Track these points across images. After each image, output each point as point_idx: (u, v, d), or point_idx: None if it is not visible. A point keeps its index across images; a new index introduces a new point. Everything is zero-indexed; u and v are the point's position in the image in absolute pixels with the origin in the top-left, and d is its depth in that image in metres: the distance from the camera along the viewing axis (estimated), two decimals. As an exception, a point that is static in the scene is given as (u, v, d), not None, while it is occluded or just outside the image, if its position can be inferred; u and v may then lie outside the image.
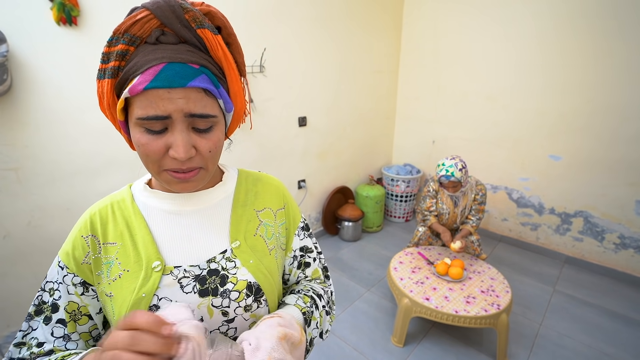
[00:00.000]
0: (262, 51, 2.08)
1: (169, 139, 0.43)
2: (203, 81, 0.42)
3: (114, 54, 0.42)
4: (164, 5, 0.40)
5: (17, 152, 1.37)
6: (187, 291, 0.50)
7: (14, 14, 1.27)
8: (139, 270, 0.50)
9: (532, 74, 2.41)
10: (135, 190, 0.56)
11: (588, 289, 2.22)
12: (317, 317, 0.59)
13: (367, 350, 1.73)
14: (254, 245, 0.57)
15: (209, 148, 0.46)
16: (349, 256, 2.65)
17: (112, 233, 0.52)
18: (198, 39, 0.43)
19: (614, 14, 2.02)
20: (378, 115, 3.18)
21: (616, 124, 2.15)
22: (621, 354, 1.69)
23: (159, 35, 0.41)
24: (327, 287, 0.69)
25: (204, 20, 0.42)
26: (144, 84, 0.40)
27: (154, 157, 0.44)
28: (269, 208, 0.61)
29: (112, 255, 0.51)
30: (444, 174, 1.89)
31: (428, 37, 2.94)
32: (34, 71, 1.35)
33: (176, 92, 0.41)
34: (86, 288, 0.51)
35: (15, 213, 1.42)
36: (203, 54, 0.44)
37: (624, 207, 2.23)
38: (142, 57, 0.41)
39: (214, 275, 0.52)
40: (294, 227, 0.65)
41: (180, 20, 0.41)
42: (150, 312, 0.39)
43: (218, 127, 0.47)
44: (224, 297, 0.51)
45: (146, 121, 0.42)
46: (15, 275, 1.46)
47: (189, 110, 0.42)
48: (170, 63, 0.40)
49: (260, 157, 2.30)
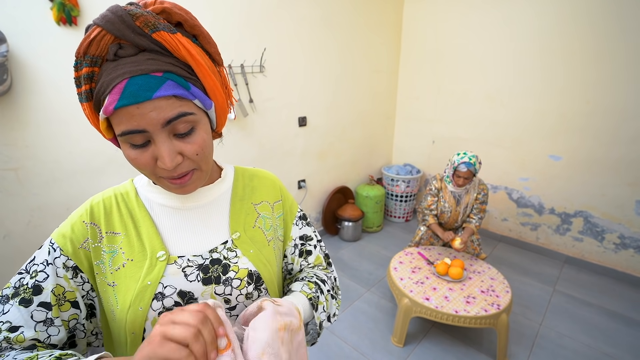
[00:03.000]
0: (262, 51, 2.08)
1: (155, 151, 0.44)
2: (169, 88, 0.41)
3: (82, 78, 0.42)
4: (113, 18, 0.39)
5: (17, 152, 1.37)
6: (190, 279, 0.52)
7: (14, 14, 1.27)
8: (143, 260, 0.51)
9: (532, 73, 2.41)
10: (139, 185, 0.57)
11: (588, 289, 2.22)
12: (323, 302, 0.61)
13: (367, 350, 1.73)
14: (253, 236, 0.59)
15: (195, 151, 0.46)
16: (349, 256, 2.65)
17: (116, 223, 0.53)
18: (156, 43, 0.41)
19: (617, 15, 2.02)
20: (378, 115, 3.18)
21: (616, 124, 2.15)
22: (621, 354, 1.69)
23: (116, 50, 0.40)
24: (330, 272, 0.71)
25: (157, 22, 0.40)
26: (113, 104, 0.40)
27: (147, 169, 0.46)
28: (266, 201, 0.64)
29: (117, 244, 0.52)
30: (466, 161, 1.89)
31: (428, 36, 2.94)
32: (34, 71, 1.35)
33: (145, 105, 0.40)
34: (76, 274, 0.50)
35: (16, 213, 1.42)
36: (165, 57, 0.42)
37: (624, 207, 2.23)
38: (106, 77, 0.40)
39: (216, 264, 0.54)
40: (292, 217, 0.68)
41: (132, 29, 0.39)
42: (214, 309, 0.42)
43: (200, 126, 0.46)
44: (226, 285, 0.53)
45: (127, 136, 0.42)
46: (15, 275, 1.46)
47: (163, 119, 0.42)
48: (132, 77, 0.39)
49: (260, 157, 2.30)
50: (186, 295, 0.51)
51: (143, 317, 0.48)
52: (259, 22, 2.04)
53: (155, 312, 0.49)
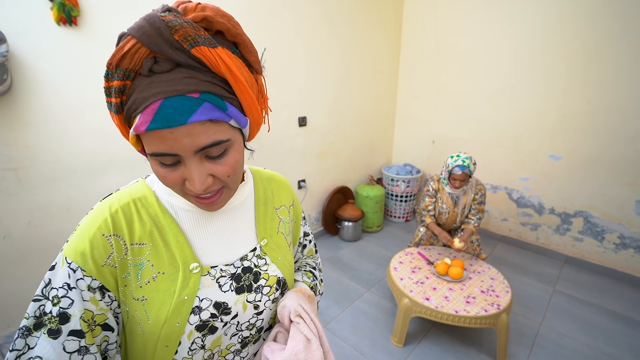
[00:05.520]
0: (262, 51, 2.08)
1: (184, 173, 0.42)
2: (205, 111, 0.38)
3: (113, 90, 0.39)
4: (149, 30, 0.36)
5: (17, 152, 1.37)
6: (225, 290, 0.51)
7: (14, 14, 1.27)
8: (175, 272, 0.48)
9: (533, 73, 2.41)
10: (157, 188, 0.52)
11: (588, 289, 2.22)
12: (318, 287, 0.72)
13: (367, 350, 1.73)
14: (278, 242, 0.61)
15: (226, 173, 0.45)
16: (349, 256, 2.65)
17: (139, 233, 0.48)
18: (194, 59, 0.37)
19: (619, 15, 2.02)
20: (378, 115, 3.18)
21: (617, 124, 2.15)
22: (621, 354, 1.69)
23: (151, 65, 0.37)
24: (317, 259, 0.79)
25: (197, 36, 0.37)
26: (145, 125, 0.37)
27: (176, 187, 0.44)
28: (284, 206, 0.65)
29: (143, 257, 0.48)
30: (459, 164, 1.89)
31: (428, 36, 2.94)
32: (34, 71, 1.35)
33: (179, 130, 0.38)
34: (103, 294, 0.46)
35: (16, 213, 1.42)
36: (203, 75, 0.38)
37: (624, 207, 2.23)
38: (139, 94, 0.38)
39: (248, 272, 0.55)
40: (300, 219, 0.71)
41: (170, 43, 0.36)
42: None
43: (233, 147, 0.45)
44: (257, 293, 0.55)
45: (157, 157, 0.41)
46: (16, 276, 1.46)
47: (197, 146, 0.40)
48: (167, 99, 0.37)
49: (260, 157, 2.30)
50: (221, 306, 0.50)
51: (180, 332, 0.47)
52: (259, 22, 2.04)
53: (192, 326, 0.48)
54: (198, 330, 0.49)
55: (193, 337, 0.49)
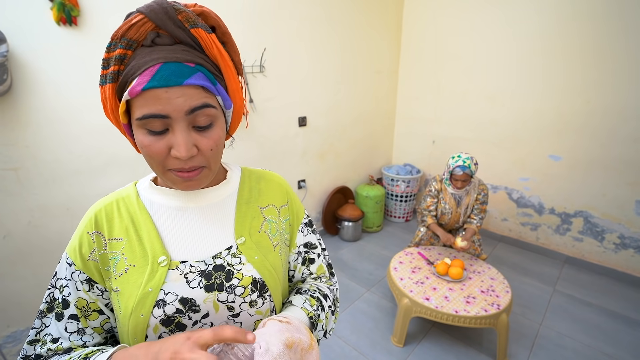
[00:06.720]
0: (262, 51, 2.08)
1: (171, 139, 0.44)
2: (199, 78, 0.43)
3: (113, 59, 0.43)
4: (158, 8, 0.41)
5: (17, 152, 1.37)
6: (193, 286, 0.51)
7: (14, 14, 1.27)
8: (145, 265, 0.51)
9: (533, 73, 2.41)
10: (141, 188, 0.57)
11: (588, 289, 2.22)
12: (322, 320, 0.60)
13: (367, 350, 1.73)
14: (259, 241, 0.58)
15: (210, 146, 0.47)
16: (349, 256, 2.65)
17: (117, 229, 0.52)
18: (192, 38, 0.44)
19: (619, 15, 2.02)
20: (378, 115, 3.18)
21: (616, 124, 2.15)
22: (621, 354, 1.69)
23: (154, 38, 0.42)
24: (333, 284, 0.70)
25: (197, 20, 0.43)
26: (142, 85, 0.41)
27: (158, 158, 0.45)
28: (272, 205, 0.63)
29: (118, 250, 0.51)
30: (460, 165, 1.88)
31: (428, 36, 2.94)
32: (34, 71, 1.35)
33: (174, 90, 0.42)
34: (91, 285, 0.51)
35: (16, 213, 1.42)
36: (198, 52, 0.44)
37: (624, 207, 2.23)
38: (139, 60, 0.42)
39: (220, 270, 0.53)
40: (298, 223, 0.66)
41: (174, 21, 0.42)
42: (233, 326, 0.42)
43: (218, 124, 0.48)
44: (230, 293, 0.52)
45: (147, 120, 0.43)
46: (16, 275, 1.46)
47: (189, 106, 0.43)
48: (167, 63, 0.41)
49: (260, 157, 2.30)
50: (188, 302, 0.50)
51: (144, 324, 0.48)
52: (259, 22, 2.04)
53: (157, 319, 0.49)
54: (164, 324, 0.49)
55: (159, 332, 0.49)
